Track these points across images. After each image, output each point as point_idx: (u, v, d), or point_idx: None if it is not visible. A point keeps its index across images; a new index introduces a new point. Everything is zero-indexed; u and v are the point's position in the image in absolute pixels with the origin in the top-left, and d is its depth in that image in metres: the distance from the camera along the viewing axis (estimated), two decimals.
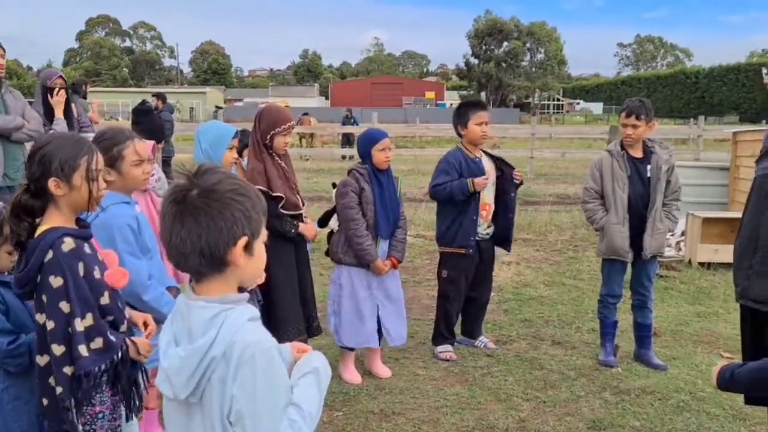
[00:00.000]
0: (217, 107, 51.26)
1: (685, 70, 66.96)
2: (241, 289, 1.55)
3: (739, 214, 2.90)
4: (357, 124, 20.80)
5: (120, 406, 2.18)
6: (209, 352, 1.43)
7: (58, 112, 5.35)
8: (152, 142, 2.97)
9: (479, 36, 68.57)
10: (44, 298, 2.02)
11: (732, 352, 4.64)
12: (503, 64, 68.42)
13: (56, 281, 2.00)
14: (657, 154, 4.35)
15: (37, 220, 2.08)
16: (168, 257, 1.50)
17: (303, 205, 3.89)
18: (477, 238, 4.52)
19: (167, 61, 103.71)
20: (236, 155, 3.48)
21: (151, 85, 79.66)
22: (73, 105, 5.95)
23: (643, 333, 4.54)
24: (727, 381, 2.07)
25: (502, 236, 4.69)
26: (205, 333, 1.45)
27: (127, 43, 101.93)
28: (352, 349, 4.21)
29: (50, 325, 2.01)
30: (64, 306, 2.01)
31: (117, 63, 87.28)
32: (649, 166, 4.32)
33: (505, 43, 68.88)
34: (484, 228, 4.57)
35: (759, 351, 2.75)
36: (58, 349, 2.02)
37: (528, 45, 69.77)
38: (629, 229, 4.30)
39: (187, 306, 1.50)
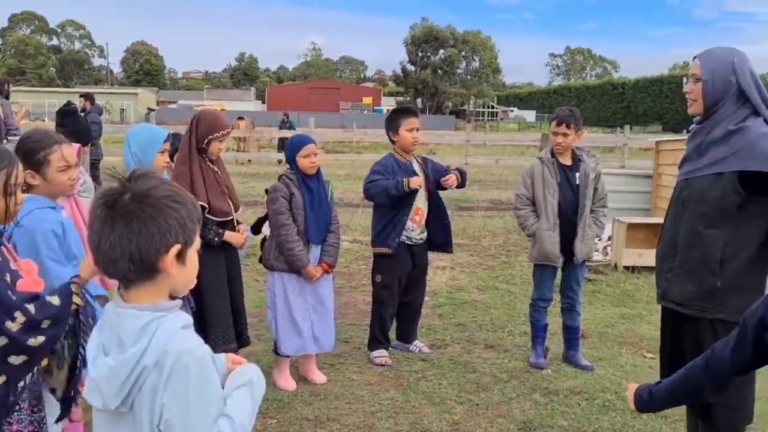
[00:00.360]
0: (149, 109, 49.97)
1: (613, 81, 69.51)
2: (172, 297, 1.52)
3: (661, 220, 3.04)
4: (294, 128, 20.65)
5: (45, 423, 2.10)
6: (141, 360, 1.40)
7: None
8: (78, 146, 2.87)
9: (416, 43, 69.31)
10: None
11: (654, 353, 4.83)
12: (439, 72, 69.34)
13: None
14: (585, 162, 4.50)
15: None
16: (96, 262, 1.46)
17: (237, 210, 3.85)
18: (410, 243, 4.57)
19: (97, 61, 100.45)
20: (168, 159, 3.41)
21: (79, 85, 76.90)
22: (0, 107, 5.65)
23: (571, 335, 4.68)
24: (646, 402, 2.12)
25: (440, 240, 4.75)
26: (137, 342, 1.41)
27: (55, 42, 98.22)
28: (287, 356, 4.18)
29: None
30: None
31: (43, 62, 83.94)
32: (578, 174, 4.46)
33: (441, 51, 69.82)
34: (417, 233, 4.61)
35: (676, 351, 2.88)
36: None
37: (463, 53, 70.96)
38: (559, 234, 4.43)
39: (117, 314, 1.46)
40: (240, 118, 22.72)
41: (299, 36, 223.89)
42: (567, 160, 4.50)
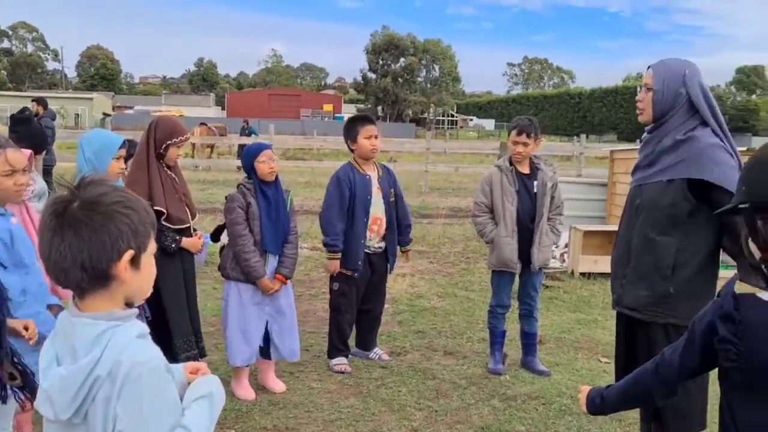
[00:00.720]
0: (104, 114, 48.94)
1: (569, 90, 70.89)
2: (129, 305, 1.49)
3: (615, 227, 3.10)
4: (256, 135, 20.49)
5: None
6: (94, 371, 1.36)
7: None
8: (29, 152, 2.80)
9: (376, 51, 69.58)
10: None
11: (609, 357, 4.93)
12: (399, 80, 69.71)
13: None
14: (543, 170, 4.57)
15: None
16: (47, 272, 1.43)
17: (193, 217, 3.80)
18: (368, 251, 4.57)
19: (51, 65, 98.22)
20: (123, 165, 3.35)
21: (32, 89, 74.97)
22: None
23: (529, 341, 4.74)
24: (598, 405, 2.15)
25: (399, 243, 4.77)
26: (90, 351, 1.38)
27: (6, 44, 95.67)
28: (236, 366, 4.13)
29: None
30: None
31: None
32: (536, 182, 4.53)
33: (402, 59, 70.23)
34: (375, 242, 4.61)
35: (630, 355, 2.94)
36: None
37: (424, 61, 71.48)
38: (517, 242, 4.49)
39: (71, 323, 1.43)
40: (202, 124, 22.40)
41: (260, 42, 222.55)
42: (525, 169, 4.56)
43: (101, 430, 1.39)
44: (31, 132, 4.66)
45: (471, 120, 73.92)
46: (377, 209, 4.56)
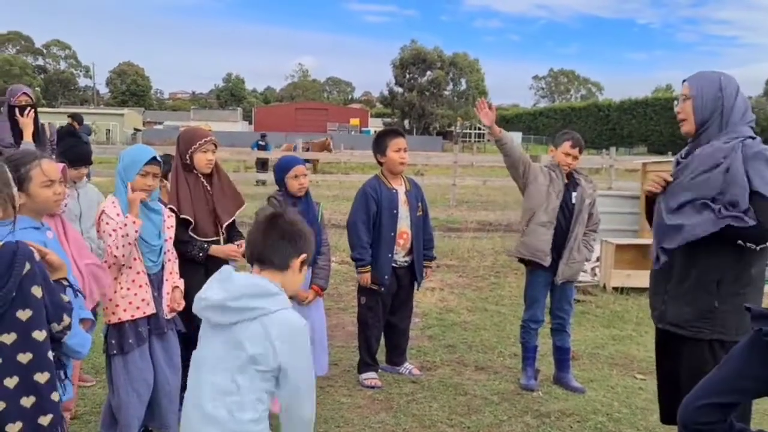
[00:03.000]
0: (135, 129, 49.78)
1: (598, 103, 70.15)
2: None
3: (648, 241, 3.04)
4: (269, 150, 20.56)
5: None
6: (261, 304, 2.08)
7: (26, 135, 4.84)
8: (62, 165, 2.83)
9: (403, 65, 69.78)
10: (29, 312, 1.92)
11: (645, 374, 4.82)
12: (426, 93, 69.77)
13: (38, 291, 1.94)
14: (582, 186, 4.51)
15: None
16: (251, 256, 2.20)
17: (222, 233, 3.76)
18: (394, 265, 4.54)
19: (83, 81, 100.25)
20: (151, 182, 3.32)
21: (65, 105, 76.65)
22: (46, 125, 5.45)
23: (562, 356, 4.65)
24: None
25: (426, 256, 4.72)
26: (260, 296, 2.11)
27: (40, 62, 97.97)
28: None
29: (42, 335, 1.94)
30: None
31: (29, 82, 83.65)
32: (574, 194, 4.46)
33: (428, 73, 70.31)
34: (402, 256, 4.58)
35: (673, 374, 2.86)
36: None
37: (450, 75, 71.49)
38: (552, 238, 4.40)
39: (251, 276, 2.18)
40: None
41: (286, 57, 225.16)
42: (566, 178, 4.51)
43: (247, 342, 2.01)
44: (76, 146, 4.72)
45: None
46: (403, 223, 4.53)
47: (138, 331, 3.22)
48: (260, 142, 21.84)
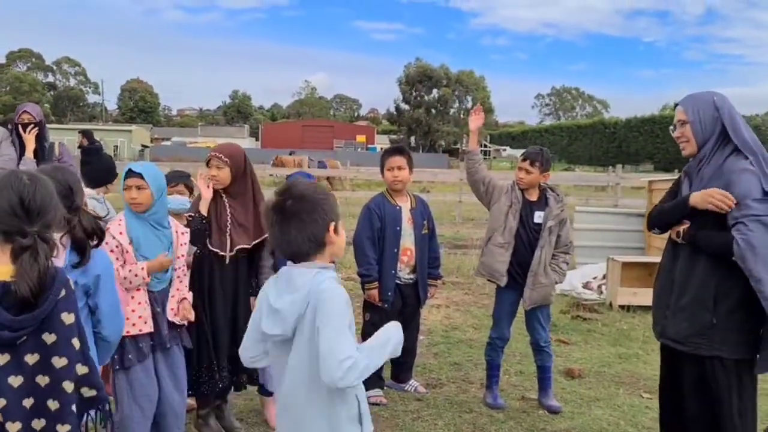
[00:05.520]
0: (143, 146, 50.12)
1: (604, 120, 70.15)
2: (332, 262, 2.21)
3: (655, 259, 3.06)
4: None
5: None
6: (308, 296, 2.08)
7: (28, 151, 4.94)
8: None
9: (410, 82, 70.05)
10: (54, 336, 1.93)
11: (651, 393, 4.79)
12: (432, 110, 69.98)
13: (69, 318, 1.95)
14: (550, 206, 4.40)
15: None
16: (282, 254, 2.20)
17: (230, 250, 3.78)
18: (399, 282, 4.54)
19: (92, 98, 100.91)
20: (135, 194, 3.25)
21: (74, 121, 77.21)
22: (56, 144, 5.53)
23: (540, 375, 4.58)
24: None
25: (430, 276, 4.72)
26: (307, 285, 2.09)
27: (50, 79, 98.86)
28: (270, 394, 4.10)
29: (61, 362, 1.94)
30: (75, 342, 1.97)
31: (39, 98, 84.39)
32: (539, 213, 4.37)
33: (435, 90, 70.60)
34: (406, 273, 4.58)
35: (675, 390, 2.86)
36: (69, 387, 1.96)
37: (456, 92, 71.74)
38: (510, 257, 4.34)
39: (291, 272, 2.15)
40: (291, 153, 23.18)
41: (293, 74, 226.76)
42: (533, 196, 4.44)
43: (308, 336, 2.04)
44: (101, 163, 4.80)
45: (504, 150, 73.78)
46: (407, 240, 4.54)
47: (139, 347, 3.23)
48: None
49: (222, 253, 3.74)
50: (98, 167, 4.50)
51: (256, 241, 3.80)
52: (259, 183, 4.00)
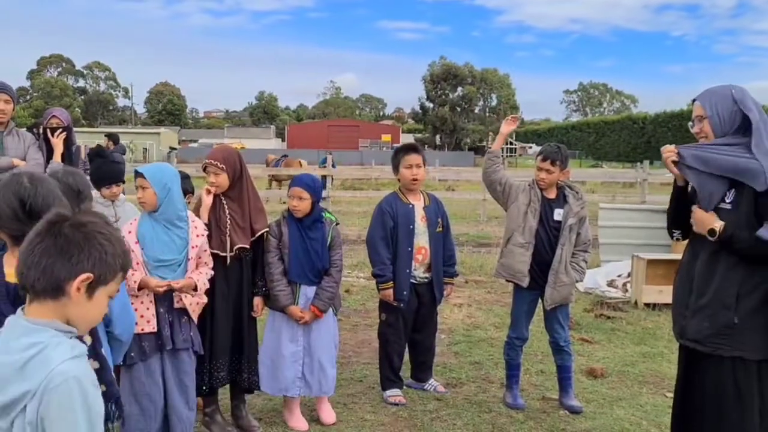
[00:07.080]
0: (171, 148, 50.76)
1: (632, 115, 69.20)
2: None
3: (681, 257, 3.01)
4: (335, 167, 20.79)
5: None
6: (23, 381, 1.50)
7: (56, 155, 4.98)
8: None
9: (434, 81, 70.01)
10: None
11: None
12: (457, 109, 69.84)
13: None
14: (569, 203, 4.34)
15: None
16: (17, 269, 1.59)
17: (230, 251, 3.79)
18: (414, 281, 4.52)
19: (121, 101, 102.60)
20: (141, 194, 3.39)
21: (104, 125, 78.53)
22: (82, 147, 5.62)
23: (560, 375, 4.52)
24: None
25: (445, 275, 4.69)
26: (22, 351, 1.51)
27: (81, 83, 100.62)
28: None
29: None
30: (86, 338, 1.99)
31: (69, 103, 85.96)
32: (559, 211, 4.32)
33: (460, 88, 70.41)
34: (421, 272, 4.56)
35: (690, 391, 2.80)
36: None
37: (481, 90, 71.44)
38: (531, 257, 4.29)
39: (12, 323, 1.58)
40: (285, 156, 23.42)
41: (319, 75, 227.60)
42: (551, 194, 4.39)
43: None
44: (102, 165, 4.86)
45: (530, 148, 73.20)
46: (421, 239, 4.51)
47: (141, 346, 3.28)
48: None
49: (222, 254, 3.76)
50: (93, 170, 4.55)
51: (253, 238, 3.87)
52: (252, 181, 4.03)
